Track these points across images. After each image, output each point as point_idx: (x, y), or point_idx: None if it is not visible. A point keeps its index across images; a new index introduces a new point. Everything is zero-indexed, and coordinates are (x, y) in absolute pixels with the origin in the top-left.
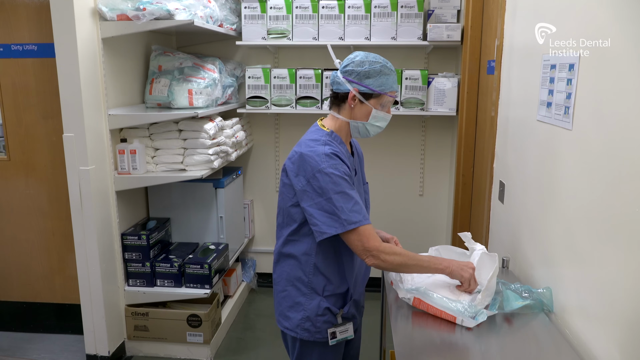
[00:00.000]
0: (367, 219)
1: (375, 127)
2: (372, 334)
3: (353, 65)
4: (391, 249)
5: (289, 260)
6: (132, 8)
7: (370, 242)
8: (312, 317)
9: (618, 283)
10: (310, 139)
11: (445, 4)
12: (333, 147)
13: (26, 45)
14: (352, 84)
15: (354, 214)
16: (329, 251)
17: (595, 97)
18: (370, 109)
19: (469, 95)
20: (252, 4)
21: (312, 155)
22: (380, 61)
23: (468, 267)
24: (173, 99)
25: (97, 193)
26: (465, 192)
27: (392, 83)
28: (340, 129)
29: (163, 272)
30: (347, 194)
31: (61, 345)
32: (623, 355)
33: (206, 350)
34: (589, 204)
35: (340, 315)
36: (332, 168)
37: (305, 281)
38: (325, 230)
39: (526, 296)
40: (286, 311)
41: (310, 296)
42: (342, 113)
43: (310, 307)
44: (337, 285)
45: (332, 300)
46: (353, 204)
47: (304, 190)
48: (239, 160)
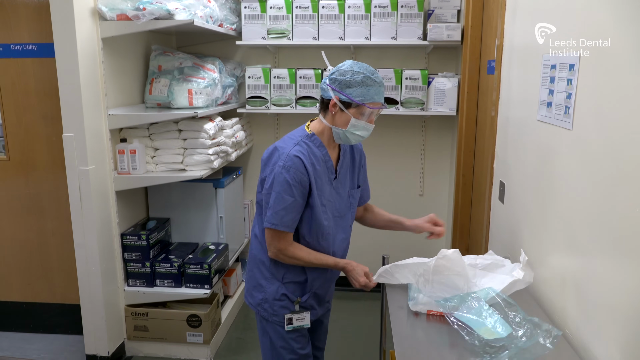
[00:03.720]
0: (286, 227)
1: (355, 136)
2: (372, 334)
3: (337, 74)
4: (293, 253)
5: (256, 243)
6: (132, 8)
7: (276, 242)
8: (269, 300)
9: (618, 283)
10: (289, 136)
11: (445, 4)
12: (303, 148)
13: (26, 45)
14: (334, 91)
15: (276, 216)
16: None
17: (595, 97)
18: (350, 118)
19: (469, 95)
20: (252, 4)
21: (281, 151)
22: (363, 72)
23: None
24: (173, 99)
25: (97, 193)
26: (465, 192)
27: (374, 94)
28: (323, 132)
29: (163, 272)
30: (283, 197)
31: (61, 345)
32: (623, 356)
33: (206, 351)
34: (589, 204)
35: (298, 303)
36: (284, 169)
37: (267, 265)
38: (267, 221)
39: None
40: (251, 289)
41: (271, 280)
42: (326, 118)
43: (269, 291)
44: (296, 274)
45: (291, 288)
46: (281, 208)
47: (267, 178)
48: (239, 160)
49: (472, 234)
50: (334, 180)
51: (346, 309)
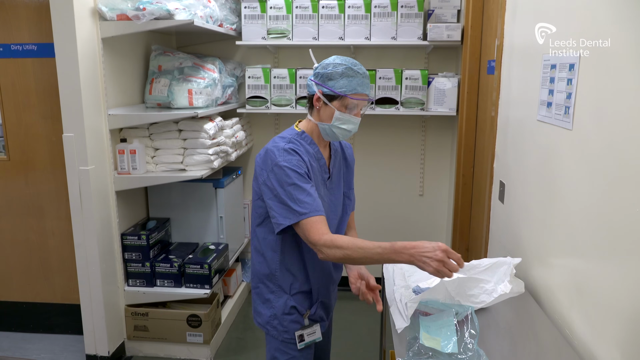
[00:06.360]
0: (317, 211)
1: (341, 130)
2: (372, 334)
3: (320, 68)
4: (332, 242)
5: (258, 257)
6: (132, 8)
7: (312, 235)
8: (279, 315)
9: (618, 283)
10: (279, 136)
11: (445, 4)
12: (296, 145)
13: (26, 45)
14: (317, 85)
15: (304, 204)
16: (293, 246)
17: (595, 97)
18: (333, 111)
19: (469, 95)
20: (252, 4)
21: (274, 150)
22: (345, 63)
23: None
24: (173, 99)
25: (97, 193)
26: (465, 192)
27: (357, 85)
28: (312, 130)
29: (163, 272)
30: (299, 186)
31: (61, 345)
32: (623, 356)
33: (206, 350)
34: (589, 204)
35: (307, 316)
36: (286, 162)
37: (272, 278)
38: (281, 222)
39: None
40: (258, 307)
41: (278, 294)
42: (312, 115)
43: (278, 305)
44: (302, 283)
45: (299, 299)
46: (305, 196)
47: (265, 183)
48: (239, 160)
49: (472, 234)
50: (328, 181)
51: (346, 309)
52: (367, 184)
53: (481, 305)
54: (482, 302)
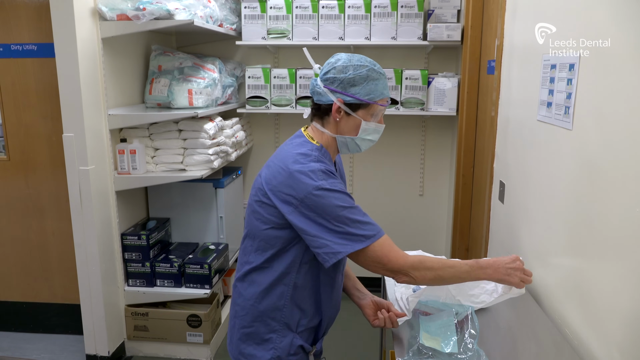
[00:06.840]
0: (382, 231)
1: (366, 142)
2: (372, 334)
3: (335, 72)
4: (422, 263)
5: (258, 292)
6: (132, 8)
7: (394, 258)
8: (283, 357)
9: (618, 283)
10: (298, 152)
11: (445, 4)
12: (326, 165)
13: (26, 45)
14: (335, 94)
15: (368, 226)
16: (308, 279)
17: (595, 97)
18: (360, 122)
19: (469, 95)
20: (252, 4)
21: (306, 171)
22: (366, 64)
23: (513, 263)
24: (173, 99)
25: (97, 193)
26: (465, 192)
27: (382, 89)
28: (328, 144)
29: (163, 272)
30: (354, 207)
31: (61, 345)
32: (623, 355)
33: (206, 351)
34: (589, 204)
35: (313, 353)
36: (330, 185)
37: (277, 315)
38: (340, 250)
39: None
40: (251, 350)
41: (283, 332)
42: (327, 127)
43: (281, 346)
44: (311, 318)
45: (305, 336)
46: (363, 216)
47: (299, 211)
48: (239, 160)
49: (472, 234)
50: None
51: (346, 309)
52: (367, 184)
53: (481, 305)
54: (482, 302)
